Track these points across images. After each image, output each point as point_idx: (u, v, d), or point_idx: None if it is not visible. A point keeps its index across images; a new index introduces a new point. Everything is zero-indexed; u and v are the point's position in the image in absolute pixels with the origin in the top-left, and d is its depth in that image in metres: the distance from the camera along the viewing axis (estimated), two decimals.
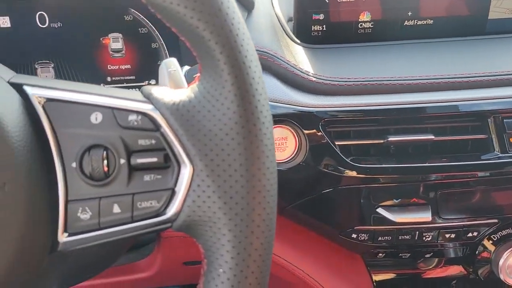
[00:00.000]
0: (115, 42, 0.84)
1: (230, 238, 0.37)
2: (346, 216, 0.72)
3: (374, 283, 0.80)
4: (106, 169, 0.39)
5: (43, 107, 0.39)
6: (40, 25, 0.81)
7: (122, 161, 0.39)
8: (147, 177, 0.39)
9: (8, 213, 0.36)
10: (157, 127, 0.39)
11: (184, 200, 0.38)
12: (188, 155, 0.38)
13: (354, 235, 0.72)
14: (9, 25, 0.80)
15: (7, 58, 0.82)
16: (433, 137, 0.69)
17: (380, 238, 0.71)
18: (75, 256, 0.47)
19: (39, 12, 0.81)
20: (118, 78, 0.86)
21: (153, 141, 0.39)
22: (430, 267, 0.85)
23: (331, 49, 0.80)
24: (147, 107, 0.39)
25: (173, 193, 0.39)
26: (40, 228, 0.38)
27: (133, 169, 0.39)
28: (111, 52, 0.85)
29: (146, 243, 0.93)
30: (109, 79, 0.86)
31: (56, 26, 0.82)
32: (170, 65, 0.48)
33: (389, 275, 0.82)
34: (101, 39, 0.84)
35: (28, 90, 0.40)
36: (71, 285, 0.56)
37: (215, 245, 0.38)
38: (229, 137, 0.37)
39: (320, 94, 0.68)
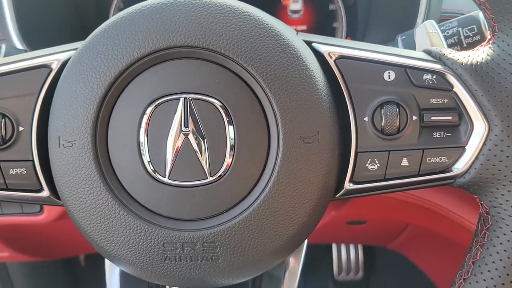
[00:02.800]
0: (294, 2, 0.86)
1: None
2: None
3: None
4: (398, 124, 0.41)
5: (335, 63, 0.42)
6: None
7: (414, 118, 0.41)
8: (436, 134, 0.41)
9: (318, 157, 0.40)
10: (450, 86, 0.41)
11: (476, 158, 0.40)
12: (485, 115, 0.39)
13: None
14: None
15: None
16: None
17: None
18: None
19: None
20: None
21: (446, 100, 0.41)
22: None
23: None
24: (440, 67, 0.41)
25: (463, 150, 0.41)
26: (333, 174, 0.42)
27: (423, 126, 0.41)
28: (289, 13, 0.87)
29: None
30: None
31: None
32: (430, 27, 0.49)
33: None
34: None
35: (319, 47, 0.43)
36: None
37: (508, 203, 0.39)
38: None
39: None
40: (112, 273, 0.56)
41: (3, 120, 0.41)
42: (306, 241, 0.59)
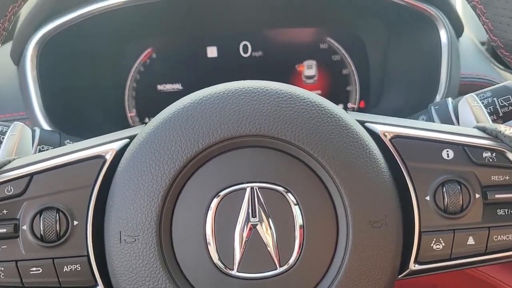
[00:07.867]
0: (309, 69, 0.88)
1: None
2: None
3: None
4: (461, 203, 0.41)
5: (391, 142, 0.42)
6: (243, 54, 0.86)
7: (477, 195, 0.41)
8: (501, 212, 0.41)
9: (387, 241, 0.39)
10: (511, 163, 0.41)
11: None
12: None
13: None
14: (216, 55, 0.86)
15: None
16: None
17: None
18: None
19: (243, 42, 0.86)
20: None
21: (507, 177, 0.41)
22: None
23: None
24: (498, 145, 0.42)
25: None
26: (399, 256, 0.41)
27: (487, 204, 0.41)
28: (304, 79, 0.88)
29: None
30: None
31: (257, 55, 0.87)
32: (471, 100, 0.50)
33: None
34: (296, 66, 0.88)
35: (374, 127, 0.43)
36: None
37: None
38: None
39: None
40: None
41: (57, 215, 0.40)
42: None
